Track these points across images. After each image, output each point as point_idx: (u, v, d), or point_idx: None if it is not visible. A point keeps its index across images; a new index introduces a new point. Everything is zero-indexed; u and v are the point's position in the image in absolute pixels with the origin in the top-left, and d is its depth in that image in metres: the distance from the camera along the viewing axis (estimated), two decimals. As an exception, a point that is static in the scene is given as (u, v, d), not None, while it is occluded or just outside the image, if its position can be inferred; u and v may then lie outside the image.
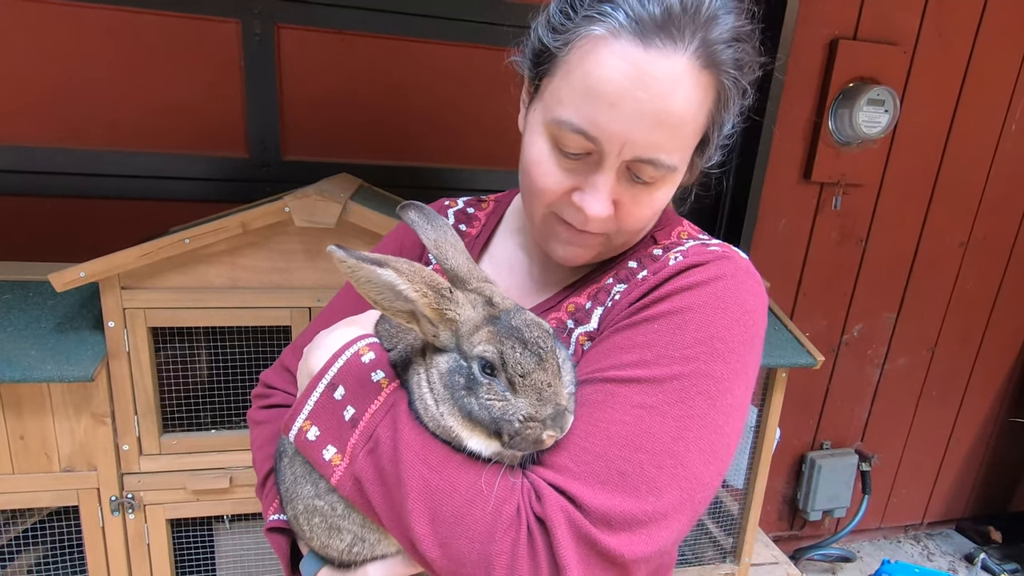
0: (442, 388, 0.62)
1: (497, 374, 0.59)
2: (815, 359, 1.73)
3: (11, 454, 1.36)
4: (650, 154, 0.67)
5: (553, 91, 0.69)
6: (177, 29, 1.77)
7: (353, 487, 0.63)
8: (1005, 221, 2.69)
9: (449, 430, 0.61)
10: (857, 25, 2.25)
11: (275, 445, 0.82)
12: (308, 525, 0.71)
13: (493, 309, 0.63)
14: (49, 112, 1.74)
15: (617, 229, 0.73)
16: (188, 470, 1.48)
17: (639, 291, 0.70)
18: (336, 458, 0.64)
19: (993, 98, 2.49)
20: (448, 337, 0.62)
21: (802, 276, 2.52)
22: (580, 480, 0.59)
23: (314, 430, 0.66)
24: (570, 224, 0.73)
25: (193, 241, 1.33)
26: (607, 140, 0.66)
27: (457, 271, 0.67)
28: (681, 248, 0.73)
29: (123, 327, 1.36)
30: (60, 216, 1.80)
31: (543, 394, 0.58)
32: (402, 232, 0.96)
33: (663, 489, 0.59)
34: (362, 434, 0.64)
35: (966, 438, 3.03)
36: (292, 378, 0.89)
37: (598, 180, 0.69)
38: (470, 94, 2.01)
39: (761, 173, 2.28)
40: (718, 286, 0.67)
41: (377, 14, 1.88)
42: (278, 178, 1.91)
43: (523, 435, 0.58)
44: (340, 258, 0.58)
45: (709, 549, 2.00)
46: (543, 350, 0.60)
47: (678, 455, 0.60)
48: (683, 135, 0.68)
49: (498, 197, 0.98)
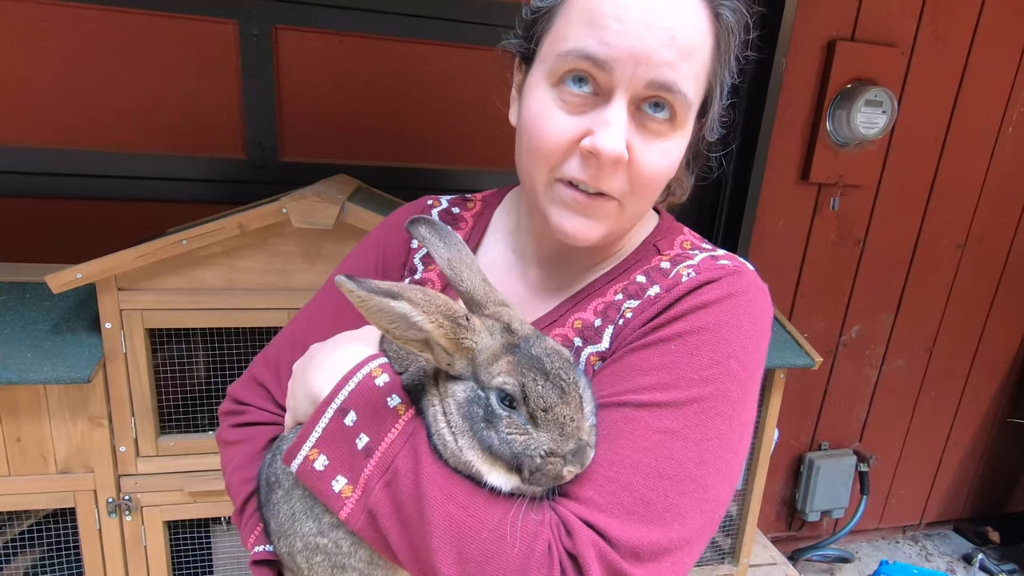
0: (460, 420, 0.59)
1: (517, 407, 0.57)
2: (813, 360, 1.73)
3: (7, 456, 1.36)
4: (665, 75, 0.62)
5: (552, 40, 0.67)
6: (174, 30, 1.76)
7: (366, 521, 0.60)
8: (1002, 222, 2.70)
9: (469, 464, 0.59)
10: (855, 26, 2.26)
11: (255, 467, 0.77)
12: (308, 564, 0.67)
13: (512, 336, 0.60)
14: (45, 113, 1.74)
15: (630, 189, 0.68)
16: (185, 472, 1.47)
17: (653, 310, 0.68)
18: (347, 490, 0.61)
19: (990, 99, 2.50)
20: (464, 366, 0.60)
21: (800, 277, 2.52)
22: (607, 513, 0.58)
23: (322, 459, 0.62)
24: (578, 189, 0.67)
25: (190, 242, 1.33)
26: (616, 60, 0.62)
27: (473, 294, 0.64)
28: (691, 263, 0.71)
29: (120, 329, 1.36)
30: (56, 217, 1.80)
31: (565, 429, 0.57)
32: (384, 235, 0.90)
33: (687, 515, 0.59)
34: (378, 465, 0.60)
35: (964, 439, 3.03)
36: (267, 393, 0.84)
37: (610, 114, 0.64)
38: (469, 95, 2.01)
39: (759, 174, 2.28)
40: (732, 304, 0.66)
41: (375, 15, 1.88)
42: (276, 179, 1.90)
43: (544, 471, 0.56)
44: (350, 289, 0.55)
45: (707, 550, 2.00)
46: (565, 382, 0.58)
47: (699, 479, 0.60)
48: (694, 64, 0.65)
49: (485, 196, 0.92)
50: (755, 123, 2.23)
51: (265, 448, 0.80)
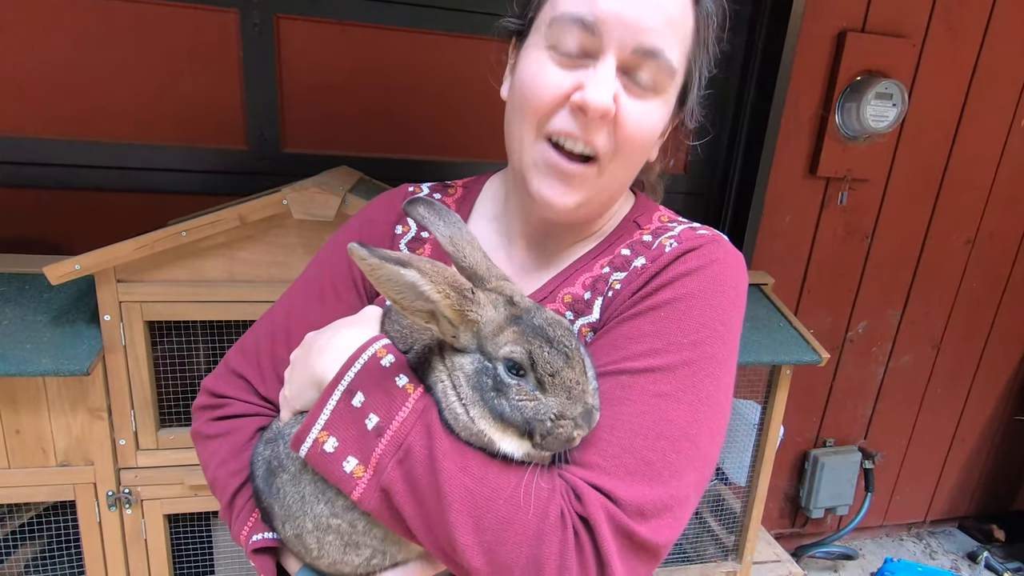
0: (470, 391, 0.61)
1: (525, 374, 0.59)
2: (820, 356, 1.71)
3: (7, 449, 1.35)
4: (651, 41, 0.67)
5: (547, 10, 0.71)
6: (175, 19, 1.74)
7: (379, 500, 0.61)
8: (1013, 218, 2.66)
9: (481, 434, 0.60)
10: (865, 17, 2.22)
11: (242, 458, 0.77)
12: (318, 544, 0.68)
13: (515, 309, 0.62)
14: (45, 103, 1.72)
15: (614, 145, 0.71)
16: (185, 465, 1.46)
17: (640, 280, 0.72)
18: (359, 470, 0.61)
19: (1002, 93, 2.46)
20: (469, 338, 0.61)
21: (807, 272, 2.50)
22: (612, 475, 0.61)
23: (332, 441, 0.62)
24: (562, 152, 0.71)
25: (190, 234, 1.31)
26: (605, 23, 0.66)
27: (475, 269, 0.65)
28: (672, 234, 0.75)
29: (119, 321, 1.35)
30: (56, 208, 1.78)
31: (572, 392, 0.59)
32: (365, 221, 0.90)
33: (684, 472, 0.63)
34: (391, 443, 0.61)
35: (970, 436, 3.01)
36: (247, 385, 0.83)
37: (599, 69, 0.68)
38: (472, 86, 1.98)
39: (767, 167, 2.25)
40: (714, 270, 0.70)
41: (378, 4, 1.86)
42: (277, 171, 1.89)
43: (555, 434, 0.58)
44: (361, 256, 0.56)
45: (711, 547, 1.99)
46: (568, 348, 0.60)
47: (693, 437, 0.64)
48: (677, 34, 0.70)
49: (466, 183, 0.94)
50: (763, 116, 2.20)
51: (252, 438, 0.79)
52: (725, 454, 1.97)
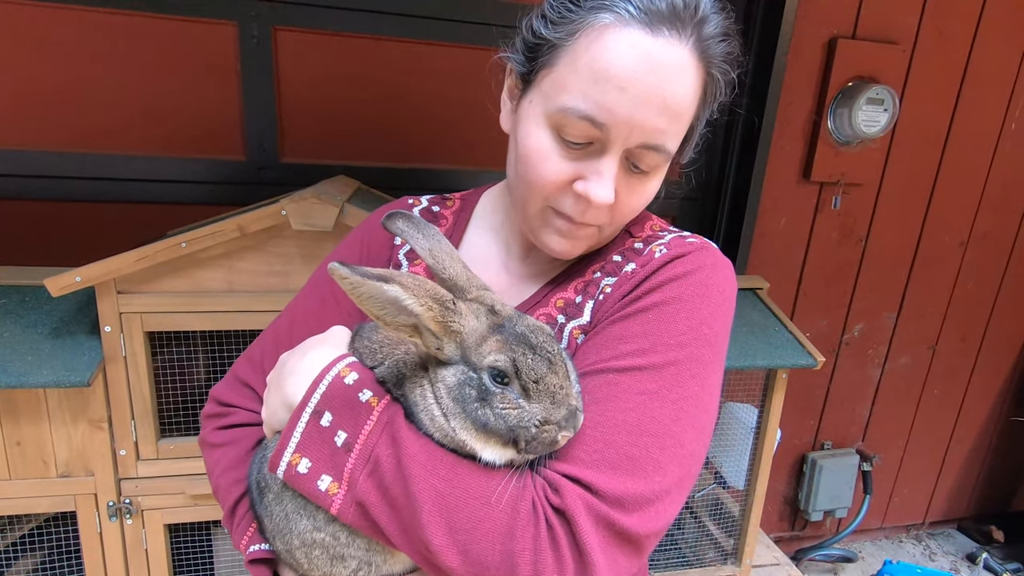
0: (451, 403, 0.61)
1: (510, 382, 0.60)
2: (816, 360, 1.72)
3: (8, 460, 1.36)
4: (655, 140, 0.69)
5: (555, 81, 0.70)
6: (174, 32, 1.76)
7: (356, 512, 0.62)
8: (1005, 219, 2.68)
9: (463, 444, 0.61)
10: (856, 24, 2.25)
11: (244, 468, 0.79)
12: (307, 559, 0.69)
13: (496, 317, 0.63)
14: (45, 115, 1.73)
15: (611, 220, 0.75)
16: (186, 475, 1.47)
17: (630, 284, 0.73)
18: (333, 487, 0.63)
19: (992, 97, 2.48)
20: (453, 349, 0.62)
21: (802, 276, 2.51)
22: (593, 468, 0.61)
23: (304, 462, 0.64)
24: (567, 217, 0.74)
25: (190, 245, 1.32)
26: (615, 125, 0.67)
27: (456, 280, 0.66)
28: (662, 241, 0.77)
29: (120, 332, 1.36)
30: (56, 220, 1.79)
31: (556, 397, 0.60)
32: (367, 232, 0.92)
33: (666, 468, 0.63)
34: (359, 457, 0.62)
35: (967, 437, 3.02)
36: (252, 394, 0.86)
37: (603, 166, 0.70)
38: (469, 96, 2.00)
39: (760, 173, 2.27)
40: (701, 276, 0.72)
41: (375, 16, 1.88)
42: (276, 181, 1.90)
43: (539, 439, 0.59)
44: (343, 275, 0.57)
45: (710, 550, 1.99)
46: (551, 353, 0.61)
47: (676, 435, 0.64)
48: (682, 123, 0.71)
49: (464, 195, 0.96)
50: (756, 122, 2.22)
51: (254, 449, 0.81)
52: (723, 458, 1.98)
